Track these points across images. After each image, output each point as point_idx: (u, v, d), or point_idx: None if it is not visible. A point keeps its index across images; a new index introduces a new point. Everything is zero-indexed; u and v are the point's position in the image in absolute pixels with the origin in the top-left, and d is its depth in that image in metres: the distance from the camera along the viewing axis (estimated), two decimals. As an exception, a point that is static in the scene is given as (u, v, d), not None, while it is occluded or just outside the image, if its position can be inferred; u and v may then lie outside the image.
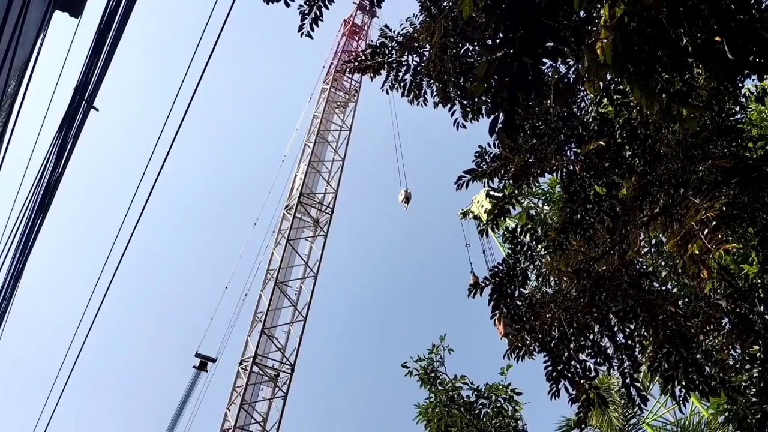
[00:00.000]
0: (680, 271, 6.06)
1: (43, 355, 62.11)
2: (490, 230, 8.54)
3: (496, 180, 7.91)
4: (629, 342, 7.13)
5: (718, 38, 3.87)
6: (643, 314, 7.23)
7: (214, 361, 29.61)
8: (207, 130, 70.41)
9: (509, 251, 7.77)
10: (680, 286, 10.18)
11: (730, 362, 9.60)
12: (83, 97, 6.50)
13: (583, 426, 7.09)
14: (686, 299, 8.37)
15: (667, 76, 4.81)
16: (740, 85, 7.13)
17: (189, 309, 70.70)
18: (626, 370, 6.95)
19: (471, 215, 29.50)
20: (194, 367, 30.20)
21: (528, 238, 7.59)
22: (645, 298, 7.26)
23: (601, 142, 6.42)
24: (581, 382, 6.80)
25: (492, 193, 7.47)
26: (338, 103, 30.91)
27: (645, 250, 8.63)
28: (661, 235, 7.94)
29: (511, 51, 3.46)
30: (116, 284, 8.24)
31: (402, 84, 9.16)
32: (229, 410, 24.86)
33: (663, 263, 9.28)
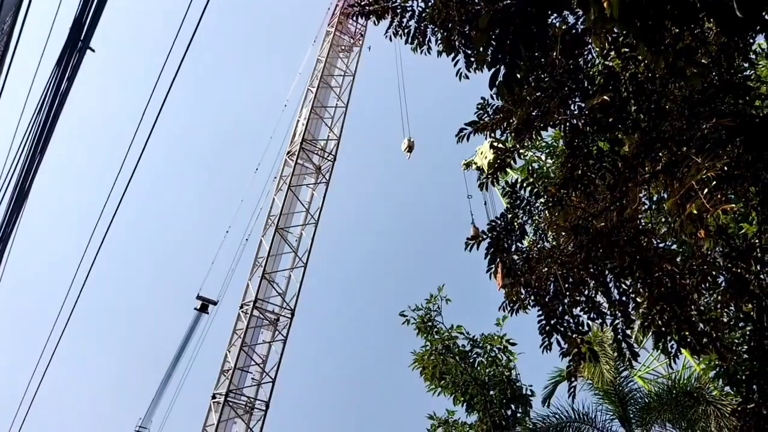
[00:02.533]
0: (677, 229, 6.03)
1: (43, 297, 63.13)
2: (491, 183, 8.50)
3: (498, 133, 7.81)
4: (623, 298, 7.17)
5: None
6: (639, 271, 7.24)
7: (215, 303, 30.06)
8: (208, 73, 69.47)
9: (508, 205, 7.74)
10: (679, 243, 10.20)
11: (724, 320, 9.69)
12: (79, 37, 6.36)
13: (573, 378, 7.20)
14: (685, 256, 8.38)
15: (676, 30, 4.66)
16: (751, 41, 6.94)
17: (190, 252, 71.37)
18: (618, 326, 7.02)
19: (474, 166, 29.37)
20: (195, 309, 30.68)
21: (527, 192, 7.55)
22: (642, 256, 7.26)
23: (606, 97, 6.29)
24: (573, 336, 6.87)
25: (495, 144, 7.37)
26: (342, 47, 30.33)
27: (645, 207, 8.59)
28: (662, 193, 7.90)
29: (514, 2, 3.34)
30: (116, 227, 8.26)
31: (406, 30, 8.93)
32: (229, 352, 25.38)
33: (663, 220, 9.26)
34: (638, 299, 7.30)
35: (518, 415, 18.55)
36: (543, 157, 20.48)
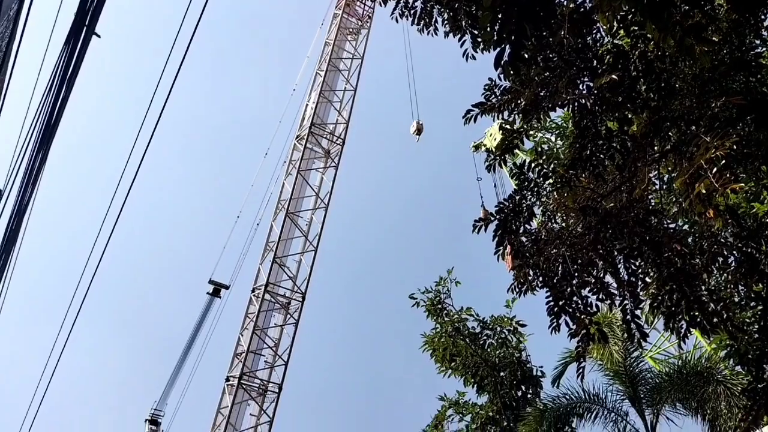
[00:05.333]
0: (687, 209, 5.99)
1: (57, 283, 63.90)
2: (499, 165, 8.46)
3: (505, 114, 7.76)
4: (632, 279, 7.14)
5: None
6: (648, 252, 7.21)
7: (227, 288, 30.30)
8: (216, 58, 69.34)
9: (516, 187, 7.71)
10: (690, 223, 10.13)
11: (735, 299, 9.64)
12: (84, 23, 6.36)
13: (582, 359, 7.21)
14: (695, 237, 8.33)
15: (685, 7, 4.60)
16: (762, 17, 6.82)
17: (202, 238, 71.80)
18: (627, 307, 7.00)
19: (483, 148, 29.20)
20: (208, 293, 30.95)
21: (535, 174, 7.51)
22: (651, 236, 7.22)
23: (614, 76, 6.23)
24: (582, 317, 6.87)
25: (505, 126, 7.31)
26: (350, 30, 30.14)
27: (655, 187, 8.53)
28: (671, 173, 7.83)
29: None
30: (128, 213, 8.32)
31: (412, 11, 8.86)
32: (242, 335, 25.63)
33: (674, 200, 9.20)
34: (647, 279, 7.28)
35: (528, 395, 18.65)
36: (553, 138, 20.35)
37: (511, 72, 4.54)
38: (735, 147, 5.18)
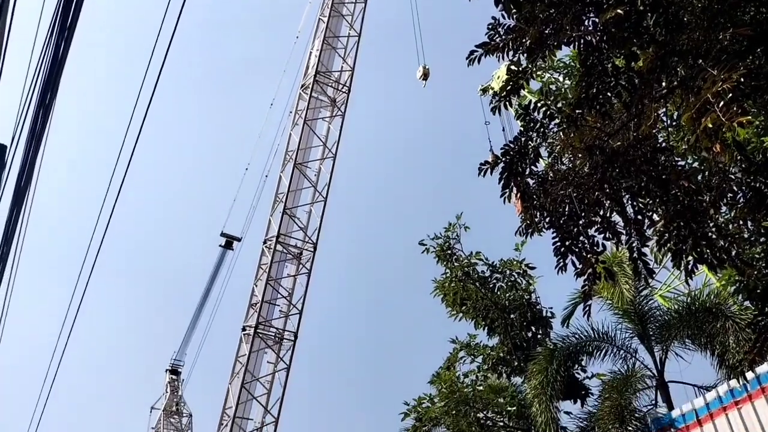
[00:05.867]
0: (695, 145, 5.92)
1: (71, 239, 64.79)
2: (503, 107, 8.36)
3: (510, 54, 7.62)
4: (639, 217, 7.14)
5: None
6: (655, 190, 7.18)
7: (239, 240, 30.69)
8: (219, 7, 68.04)
9: (521, 128, 7.64)
10: (699, 160, 10.04)
11: (745, 235, 9.61)
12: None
13: (588, 298, 7.29)
14: (705, 174, 8.27)
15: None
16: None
17: (210, 191, 72.13)
18: (634, 245, 7.03)
19: (491, 91, 28.79)
20: (220, 246, 31.36)
21: (541, 114, 7.43)
22: (658, 174, 7.18)
23: (620, 11, 6.08)
24: (588, 256, 6.91)
25: (512, 67, 7.16)
26: (352, -27, 29.35)
27: (663, 125, 8.42)
28: (680, 109, 7.71)
29: None
30: (136, 168, 8.37)
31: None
32: (255, 286, 26.05)
33: (682, 137, 9.08)
34: (654, 217, 7.27)
35: (539, 336, 18.96)
36: (561, 78, 20.01)
37: (512, 7, 4.45)
38: (743, 80, 5.08)
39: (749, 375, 11.04)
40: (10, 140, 6.38)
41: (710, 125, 4.93)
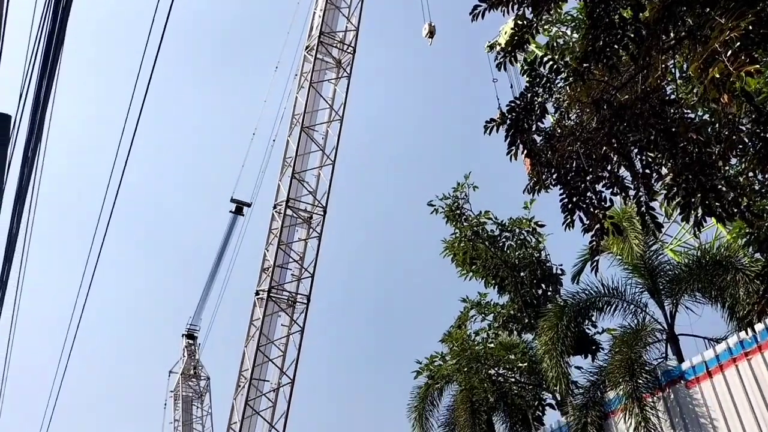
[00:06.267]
0: (703, 96, 5.83)
1: (83, 205, 65.32)
2: (510, 62, 8.25)
3: (515, 8, 7.48)
4: (647, 171, 7.10)
5: None
6: (663, 143, 7.11)
7: (249, 205, 30.79)
8: (220, -30, 66.94)
9: (527, 84, 7.55)
10: (709, 112, 9.90)
11: (755, 187, 9.54)
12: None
13: (596, 253, 7.30)
14: (716, 126, 8.17)
15: None
16: None
17: (218, 157, 72.16)
18: (642, 199, 7.00)
19: (498, 47, 28.30)
20: (230, 211, 31.52)
21: (546, 69, 7.33)
22: (667, 127, 7.10)
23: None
24: (596, 211, 6.90)
25: (519, 22, 7.03)
26: (354, -70, 28.64)
27: (672, 77, 8.29)
28: (688, 61, 7.57)
29: None
30: (143, 136, 8.39)
31: None
32: (267, 251, 26.24)
33: (691, 89, 8.94)
34: (663, 171, 7.22)
35: (549, 293, 19.06)
36: (569, 32, 19.63)
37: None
38: (752, 27, 4.97)
39: (759, 326, 11.08)
40: (15, 110, 6.37)
41: (718, 75, 4.86)
